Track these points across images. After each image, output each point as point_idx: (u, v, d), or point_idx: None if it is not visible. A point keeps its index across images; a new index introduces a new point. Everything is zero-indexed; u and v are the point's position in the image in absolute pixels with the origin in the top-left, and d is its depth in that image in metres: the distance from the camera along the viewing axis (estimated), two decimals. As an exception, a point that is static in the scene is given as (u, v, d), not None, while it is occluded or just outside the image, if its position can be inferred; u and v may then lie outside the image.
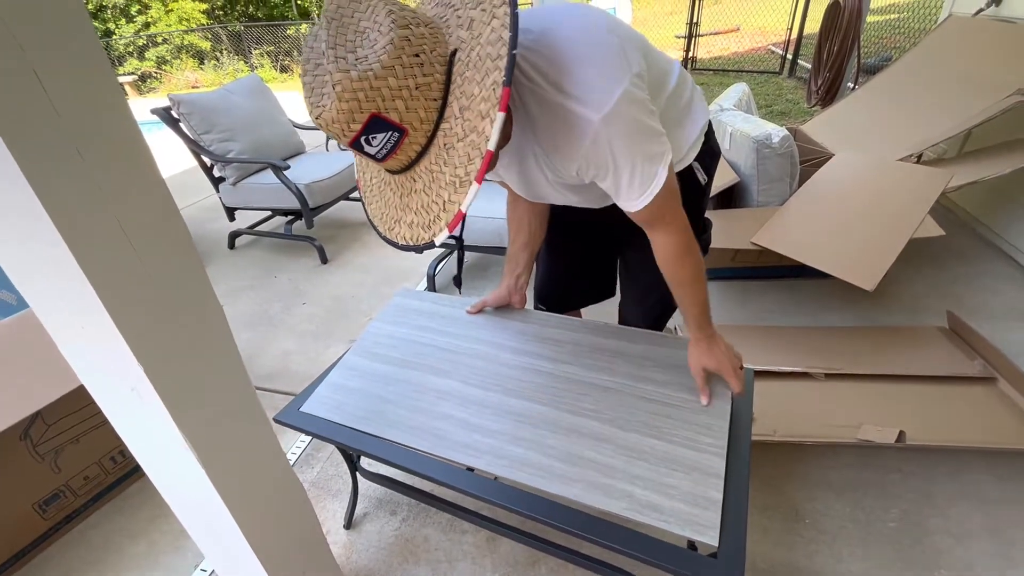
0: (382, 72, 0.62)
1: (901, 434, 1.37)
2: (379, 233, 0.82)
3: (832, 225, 1.97)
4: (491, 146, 0.63)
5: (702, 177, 1.07)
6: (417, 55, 0.64)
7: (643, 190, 0.81)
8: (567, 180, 0.89)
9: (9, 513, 1.31)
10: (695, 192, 1.07)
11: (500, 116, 0.61)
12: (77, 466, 1.43)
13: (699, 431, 0.96)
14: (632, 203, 0.83)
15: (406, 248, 0.76)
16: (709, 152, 1.07)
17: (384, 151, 0.68)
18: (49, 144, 0.51)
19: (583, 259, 1.34)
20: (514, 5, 0.63)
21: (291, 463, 1.62)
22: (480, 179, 0.64)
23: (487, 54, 0.64)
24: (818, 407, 1.52)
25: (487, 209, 2.16)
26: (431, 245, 0.72)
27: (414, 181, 0.73)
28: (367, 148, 0.67)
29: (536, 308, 1.44)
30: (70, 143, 0.52)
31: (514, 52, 0.61)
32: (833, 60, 3.69)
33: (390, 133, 0.66)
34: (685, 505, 0.84)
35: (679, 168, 1.01)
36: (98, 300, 0.57)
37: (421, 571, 1.28)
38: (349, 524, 1.40)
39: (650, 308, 1.29)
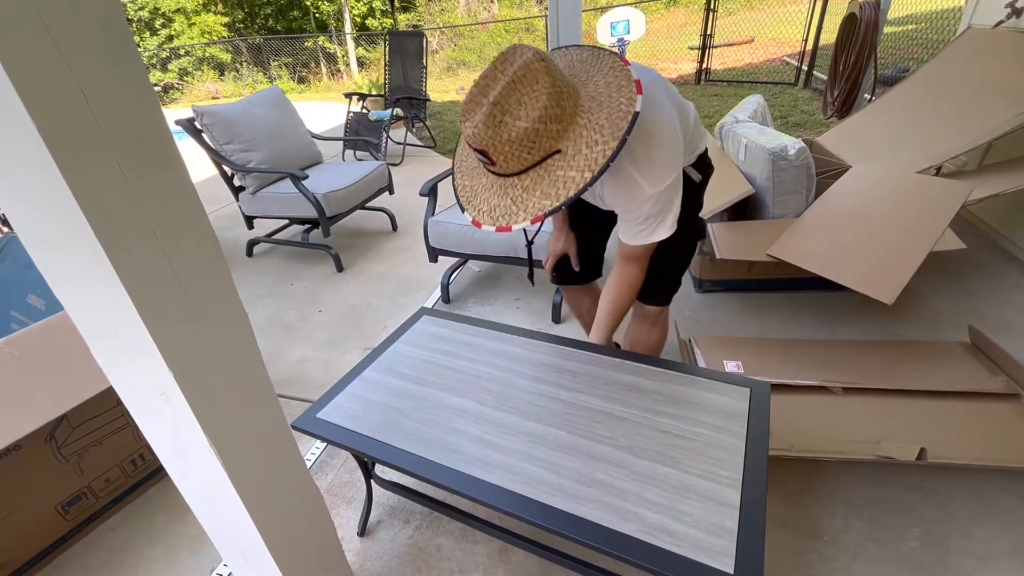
0: (505, 139, 0.88)
1: (922, 451, 1.35)
2: (458, 199, 1.08)
3: (850, 237, 1.95)
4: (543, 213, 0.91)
5: (695, 176, 1.29)
6: (534, 142, 0.89)
7: (643, 238, 1.12)
8: (605, 201, 1.19)
9: (33, 514, 1.34)
10: (688, 187, 1.26)
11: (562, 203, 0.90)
12: (99, 468, 1.46)
13: (714, 463, 0.97)
14: (629, 239, 1.15)
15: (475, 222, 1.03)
16: (703, 163, 1.31)
17: (484, 164, 0.97)
18: (93, 160, 0.53)
19: (594, 237, 1.52)
20: (619, 149, 0.88)
21: (306, 469, 1.63)
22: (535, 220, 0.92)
23: (578, 180, 0.89)
24: (836, 422, 1.50)
25: (502, 219, 2.18)
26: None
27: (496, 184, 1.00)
28: (476, 155, 0.95)
29: (551, 280, 1.63)
30: (112, 159, 0.54)
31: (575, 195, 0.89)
32: (849, 72, 3.66)
33: (488, 160, 0.93)
34: (699, 532, 0.84)
35: None
36: (133, 308, 0.59)
37: (434, 580, 1.28)
38: (363, 531, 1.40)
39: (657, 283, 1.42)
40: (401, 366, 1.32)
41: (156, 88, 10.62)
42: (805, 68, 6.07)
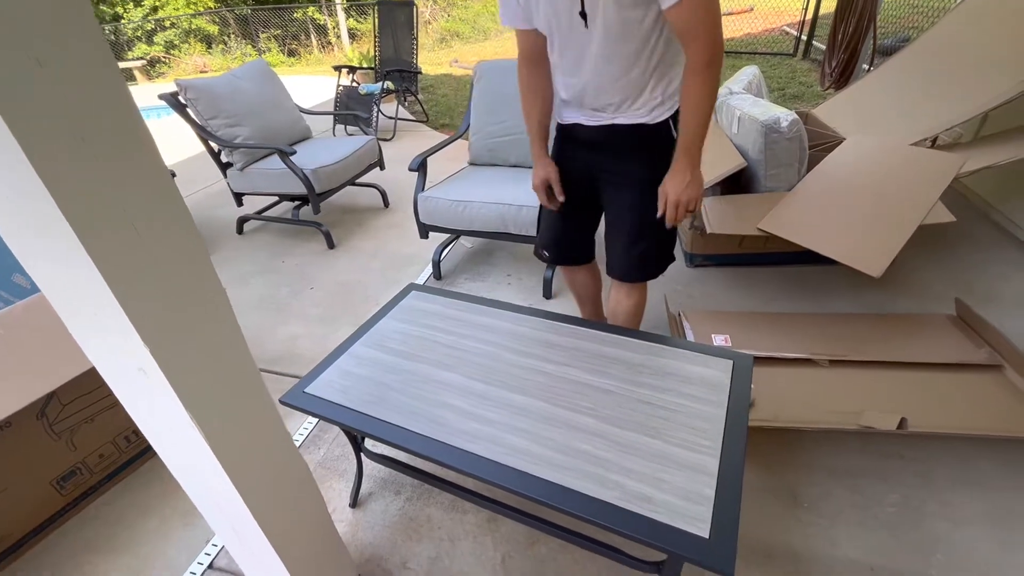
0: None
1: (903, 421, 1.37)
2: None
3: (840, 211, 1.95)
4: None
5: (675, 132, 1.23)
6: None
7: None
8: None
9: (29, 488, 1.36)
10: (668, 150, 1.24)
11: None
12: (92, 444, 1.47)
13: (694, 433, 0.98)
14: None
15: None
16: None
17: None
18: (58, 140, 0.52)
19: (576, 213, 1.47)
20: None
21: (298, 444, 1.65)
22: None
23: None
24: (821, 394, 1.52)
25: (490, 195, 2.16)
26: None
27: None
28: None
29: (537, 254, 1.63)
30: (75, 133, 0.53)
31: None
32: (848, 41, 3.59)
33: None
34: (677, 499, 0.86)
35: (662, 117, 1.21)
36: (105, 284, 0.59)
37: (424, 549, 1.31)
38: (355, 503, 1.43)
39: (632, 259, 1.39)
40: (389, 341, 1.33)
41: (142, 62, 10.38)
42: (805, 38, 5.94)
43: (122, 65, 10.07)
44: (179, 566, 1.34)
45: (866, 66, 3.68)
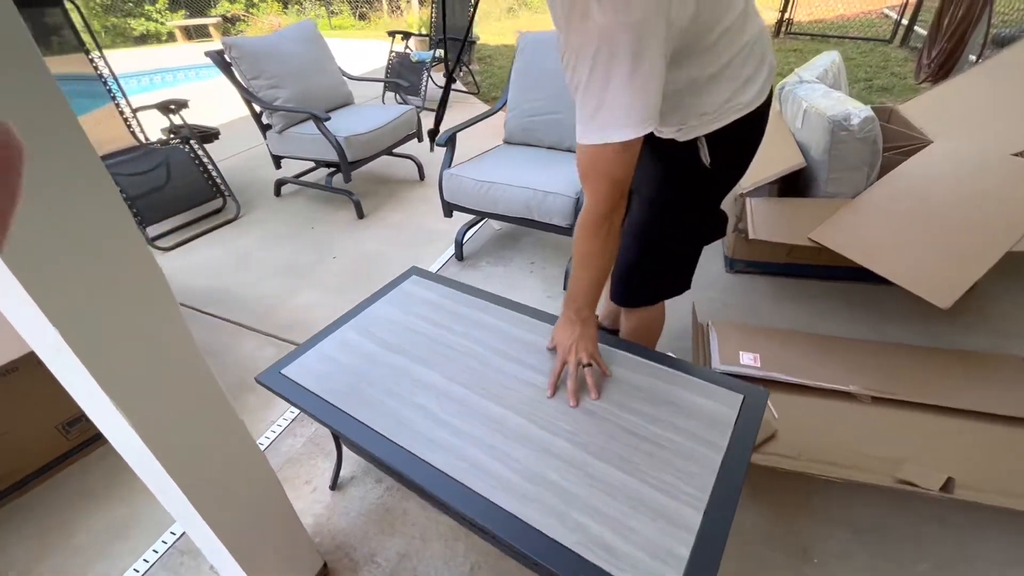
0: None
1: (949, 481, 1.18)
2: None
3: (911, 227, 1.69)
4: None
5: (704, 157, 1.00)
6: None
7: (583, 126, 0.82)
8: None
9: (33, 431, 1.41)
10: (694, 172, 1.04)
11: None
12: (97, 395, 1.52)
13: (680, 477, 0.85)
14: (578, 133, 0.85)
15: None
16: (730, 142, 1.00)
17: None
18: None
19: None
20: None
21: (290, 420, 1.64)
22: None
23: None
24: (857, 434, 1.34)
25: (517, 178, 2.04)
26: None
27: None
28: None
29: None
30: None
31: None
32: (955, 28, 3.13)
33: None
34: (643, 554, 0.74)
35: (686, 137, 0.99)
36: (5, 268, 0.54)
37: (395, 544, 1.26)
38: (334, 485, 1.41)
39: (629, 275, 1.26)
40: (377, 328, 1.26)
41: (218, 19, 10.72)
42: (906, 22, 5.29)
43: (198, 21, 10.44)
44: (165, 523, 1.36)
45: (973, 57, 3.20)
